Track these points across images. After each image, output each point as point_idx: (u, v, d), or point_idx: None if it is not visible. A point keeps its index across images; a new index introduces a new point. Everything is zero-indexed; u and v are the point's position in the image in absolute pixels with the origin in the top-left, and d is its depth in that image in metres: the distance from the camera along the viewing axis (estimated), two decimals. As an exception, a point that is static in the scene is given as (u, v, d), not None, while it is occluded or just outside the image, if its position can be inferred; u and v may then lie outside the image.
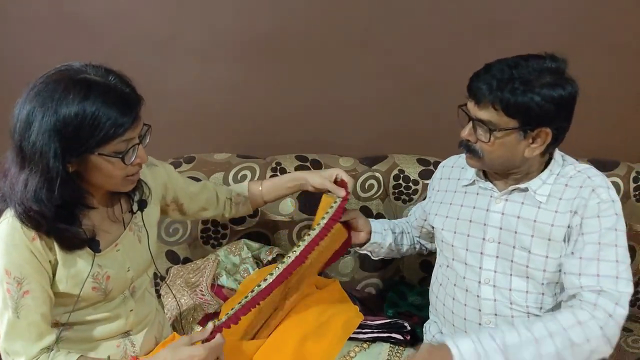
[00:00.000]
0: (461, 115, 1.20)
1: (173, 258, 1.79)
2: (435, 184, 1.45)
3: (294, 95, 1.94)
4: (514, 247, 1.21)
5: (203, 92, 1.94)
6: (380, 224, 1.52)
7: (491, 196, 1.27)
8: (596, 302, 1.08)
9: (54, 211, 1.00)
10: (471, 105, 1.16)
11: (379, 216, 1.84)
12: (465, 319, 1.28)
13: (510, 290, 1.23)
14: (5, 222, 1.02)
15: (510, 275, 1.22)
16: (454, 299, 1.29)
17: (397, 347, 1.40)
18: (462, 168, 1.37)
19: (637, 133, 1.96)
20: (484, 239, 1.26)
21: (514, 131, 1.13)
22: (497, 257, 1.24)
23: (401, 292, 1.79)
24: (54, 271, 1.07)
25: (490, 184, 1.27)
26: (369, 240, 1.48)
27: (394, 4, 1.83)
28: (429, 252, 1.61)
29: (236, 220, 1.81)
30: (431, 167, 1.83)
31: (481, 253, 1.26)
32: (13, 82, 1.82)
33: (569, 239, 1.16)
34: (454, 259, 1.31)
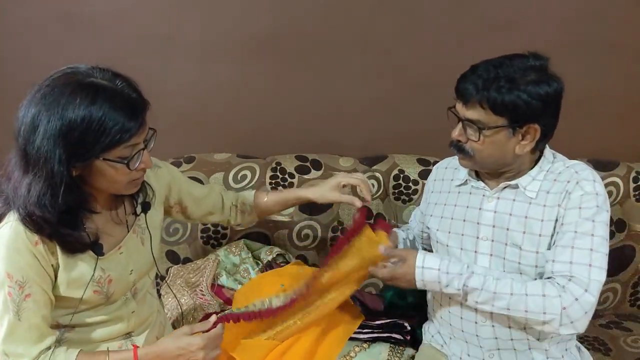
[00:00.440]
0: (451, 117, 1.22)
1: (173, 258, 1.79)
2: (430, 185, 1.47)
3: (294, 95, 1.94)
4: (506, 244, 1.22)
5: (203, 92, 1.94)
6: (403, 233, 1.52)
7: (483, 195, 1.28)
8: (565, 285, 1.11)
9: (57, 216, 0.99)
10: (459, 106, 1.19)
11: (379, 216, 1.84)
12: (462, 318, 1.28)
13: None
14: (8, 226, 1.01)
15: (504, 272, 1.23)
16: (450, 298, 1.30)
17: (397, 347, 1.40)
18: (455, 169, 1.38)
19: (637, 133, 1.96)
20: (477, 237, 1.26)
21: (502, 129, 1.15)
22: (490, 255, 1.25)
23: (401, 292, 1.79)
24: (55, 275, 1.06)
25: (482, 183, 1.29)
26: None
27: (394, 4, 1.83)
28: None
29: (236, 220, 1.81)
30: (431, 167, 1.82)
31: (475, 252, 1.26)
32: (13, 82, 1.83)
33: (554, 233, 1.18)
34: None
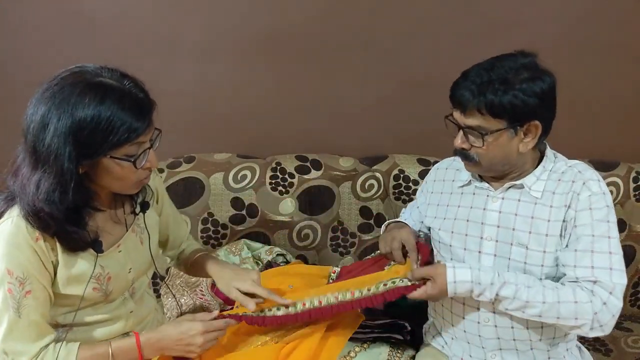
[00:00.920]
0: (449, 125, 1.22)
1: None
2: (429, 186, 1.46)
3: (294, 95, 1.94)
4: (511, 244, 1.22)
5: (203, 92, 1.94)
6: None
7: (487, 195, 1.27)
8: (593, 290, 1.12)
9: (65, 213, 1.00)
10: (457, 114, 1.18)
11: (379, 216, 1.84)
12: (463, 318, 1.28)
13: None
14: (9, 222, 1.02)
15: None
16: (452, 299, 1.29)
17: (397, 347, 1.40)
18: (457, 170, 1.38)
19: (637, 133, 1.96)
20: (481, 237, 1.26)
21: (504, 131, 1.14)
22: (494, 255, 1.24)
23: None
24: (54, 272, 1.07)
25: (486, 184, 1.28)
26: None
27: (394, 4, 1.83)
28: None
29: (236, 220, 1.81)
30: (431, 167, 1.83)
31: (479, 252, 1.26)
32: (13, 82, 1.83)
33: (564, 234, 1.18)
34: (451, 259, 1.31)
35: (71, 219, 1.02)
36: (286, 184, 1.82)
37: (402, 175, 1.85)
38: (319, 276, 1.50)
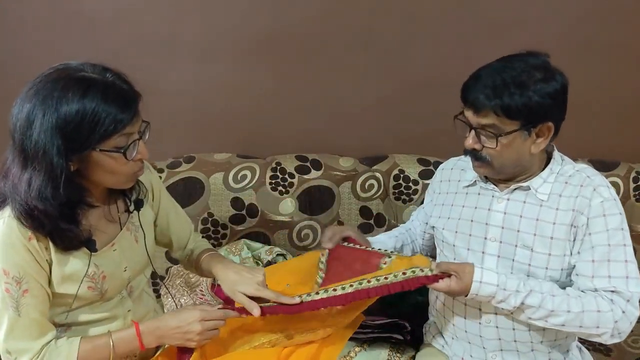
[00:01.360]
0: (458, 125, 1.20)
1: (173, 258, 1.79)
2: (435, 186, 1.45)
3: (293, 95, 1.94)
4: (515, 245, 1.22)
5: (203, 92, 1.94)
6: (380, 244, 1.46)
7: (493, 196, 1.27)
8: (612, 299, 1.13)
9: (59, 209, 1.00)
10: (470, 114, 1.17)
11: (379, 216, 1.84)
12: (465, 319, 1.28)
13: None
14: (1, 222, 1.02)
15: (512, 274, 1.22)
16: (454, 299, 1.29)
17: (397, 348, 1.40)
18: (462, 170, 1.37)
19: (637, 133, 1.96)
20: (485, 238, 1.26)
21: (518, 132, 1.14)
22: (498, 256, 1.24)
23: (401, 292, 1.78)
24: (50, 270, 1.07)
25: (492, 185, 1.28)
26: None
27: (395, 4, 1.83)
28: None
29: (236, 220, 1.81)
30: (431, 167, 1.83)
31: (483, 252, 1.26)
32: (13, 82, 1.83)
33: (575, 238, 1.18)
34: (455, 259, 1.31)
35: (65, 216, 1.02)
36: (286, 184, 1.82)
37: (402, 175, 1.85)
38: (311, 266, 1.43)
